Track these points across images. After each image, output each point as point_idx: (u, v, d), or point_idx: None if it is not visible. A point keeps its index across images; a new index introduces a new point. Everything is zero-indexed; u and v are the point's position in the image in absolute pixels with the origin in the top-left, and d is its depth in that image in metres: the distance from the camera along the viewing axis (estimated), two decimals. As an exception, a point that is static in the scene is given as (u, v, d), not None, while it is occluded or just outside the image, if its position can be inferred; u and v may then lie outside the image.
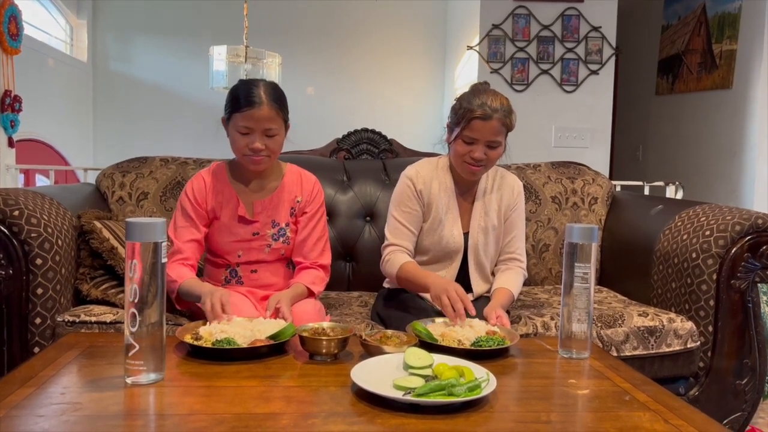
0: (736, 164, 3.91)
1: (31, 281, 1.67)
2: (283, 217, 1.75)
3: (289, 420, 1.00)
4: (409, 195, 1.82)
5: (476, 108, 1.67)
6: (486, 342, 1.37)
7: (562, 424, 1.04)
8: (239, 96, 1.63)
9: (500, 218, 1.85)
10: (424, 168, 1.85)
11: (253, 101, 1.61)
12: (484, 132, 1.68)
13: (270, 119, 1.63)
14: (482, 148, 1.70)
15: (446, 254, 1.83)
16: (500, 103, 1.69)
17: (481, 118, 1.67)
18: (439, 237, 1.81)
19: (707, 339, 1.87)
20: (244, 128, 1.63)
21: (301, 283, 1.70)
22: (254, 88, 1.63)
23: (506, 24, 3.78)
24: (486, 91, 1.72)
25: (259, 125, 1.62)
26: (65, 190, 2.18)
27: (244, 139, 1.64)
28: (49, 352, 1.32)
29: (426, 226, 1.83)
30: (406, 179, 1.83)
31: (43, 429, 0.95)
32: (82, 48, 4.66)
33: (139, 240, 1.13)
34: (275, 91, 1.67)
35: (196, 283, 1.62)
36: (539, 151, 3.72)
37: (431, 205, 1.82)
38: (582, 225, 1.38)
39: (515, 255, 1.87)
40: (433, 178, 1.83)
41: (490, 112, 1.67)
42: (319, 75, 4.89)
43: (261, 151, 1.64)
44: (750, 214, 1.85)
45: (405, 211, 1.82)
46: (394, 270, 1.76)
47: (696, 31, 4.31)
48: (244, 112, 1.61)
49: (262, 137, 1.63)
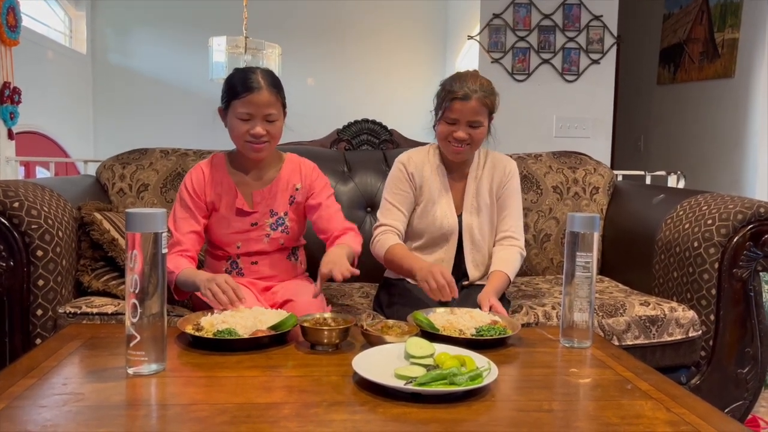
0: (738, 153, 3.89)
1: (32, 273, 1.67)
2: (282, 206, 1.75)
3: (291, 409, 1.00)
4: (401, 178, 1.85)
5: (456, 89, 1.72)
6: (487, 331, 1.37)
7: (563, 412, 1.04)
8: (237, 83, 1.63)
9: (492, 197, 1.87)
10: (415, 153, 1.90)
11: (252, 86, 1.60)
12: (464, 112, 1.72)
13: (270, 104, 1.62)
14: (464, 128, 1.74)
15: (441, 236, 1.84)
16: (480, 84, 1.74)
17: (461, 99, 1.72)
18: (433, 218, 1.83)
19: (709, 328, 1.87)
20: (245, 114, 1.62)
21: (343, 244, 1.66)
22: (251, 74, 1.63)
23: (507, 13, 3.76)
24: (468, 74, 1.78)
25: (260, 110, 1.62)
26: (65, 181, 2.18)
27: (245, 125, 1.63)
28: (50, 343, 1.32)
29: (419, 209, 1.85)
30: (399, 164, 1.88)
31: (45, 419, 0.95)
32: (81, 40, 4.64)
33: (139, 230, 1.12)
34: (272, 76, 1.67)
35: (193, 272, 1.60)
36: (540, 141, 3.71)
37: (423, 187, 1.85)
38: (583, 214, 1.37)
39: (509, 233, 1.86)
40: (425, 162, 1.87)
41: (470, 92, 1.72)
42: (319, 66, 4.87)
43: (262, 137, 1.63)
44: (752, 203, 1.84)
45: (396, 193, 1.85)
46: (382, 251, 1.77)
47: (698, 19, 4.28)
48: (244, 97, 1.60)
49: (263, 122, 1.63)
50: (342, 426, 0.95)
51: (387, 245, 1.77)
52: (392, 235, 1.80)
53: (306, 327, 1.32)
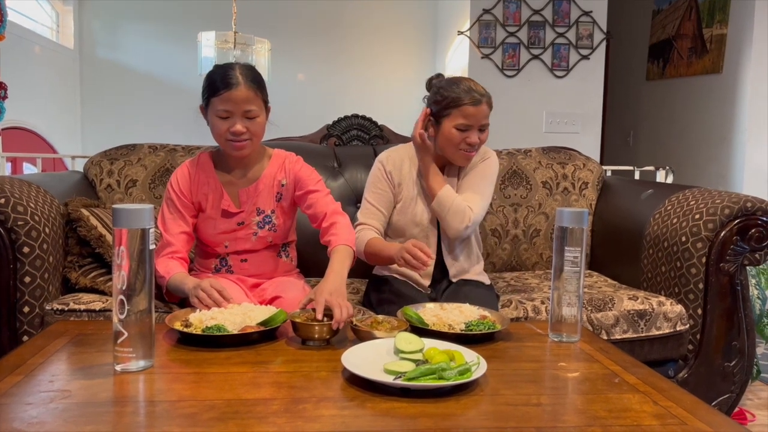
0: (726, 148, 3.92)
1: (18, 269, 1.66)
2: (268, 204, 1.73)
3: (280, 405, 1.00)
4: (379, 177, 1.87)
5: (464, 95, 1.73)
6: (476, 326, 1.38)
7: (552, 406, 1.05)
8: (214, 80, 1.60)
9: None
10: (396, 151, 1.91)
11: (230, 83, 1.58)
12: (478, 117, 1.74)
13: (248, 100, 1.59)
14: (476, 133, 1.76)
15: (421, 231, 1.85)
16: (482, 88, 1.77)
17: (472, 104, 1.73)
18: (412, 214, 1.84)
19: (696, 322, 1.88)
20: (223, 112, 1.60)
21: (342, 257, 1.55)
22: (230, 70, 1.60)
23: (497, 9, 3.76)
24: (463, 78, 1.80)
25: (239, 107, 1.59)
26: (52, 177, 2.16)
27: (225, 123, 1.61)
28: (37, 340, 1.31)
29: (399, 206, 1.86)
30: (378, 163, 1.89)
31: (31, 417, 0.94)
32: (69, 35, 4.59)
33: (126, 226, 1.12)
34: (252, 71, 1.64)
35: (182, 278, 1.58)
36: (530, 137, 3.72)
37: (402, 185, 1.86)
38: (572, 209, 1.38)
39: None
40: (404, 159, 1.88)
41: (479, 96, 1.74)
42: (308, 61, 4.85)
43: (242, 134, 1.60)
44: (739, 198, 1.85)
45: (375, 192, 1.86)
46: (361, 247, 1.77)
47: (686, 15, 4.31)
48: (222, 94, 1.58)
49: (243, 119, 1.60)
50: (331, 421, 0.95)
51: (365, 240, 1.77)
52: (370, 231, 1.81)
53: (297, 323, 1.32)
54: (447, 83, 1.78)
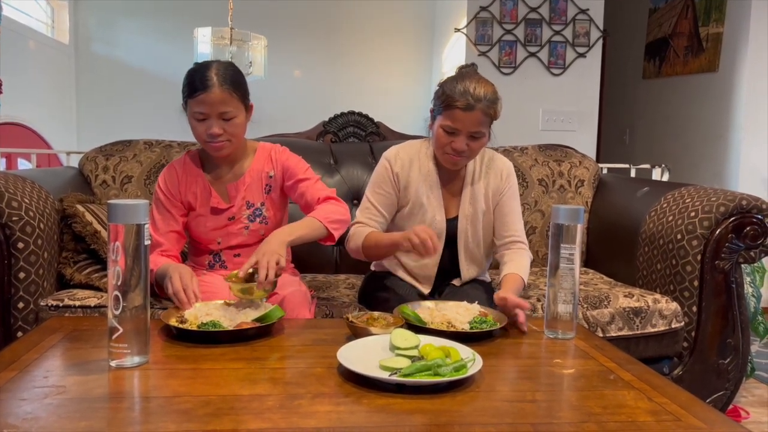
0: (722, 147, 3.93)
1: (13, 265, 1.65)
2: (258, 196, 1.72)
3: (275, 401, 1.00)
4: (385, 178, 1.75)
5: (458, 97, 1.57)
6: (479, 324, 1.37)
7: (547, 402, 1.05)
8: (190, 81, 1.58)
9: (488, 204, 1.78)
10: (405, 150, 1.78)
11: (204, 85, 1.55)
12: (466, 123, 1.59)
13: (223, 102, 1.56)
14: (464, 139, 1.62)
15: None
16: (484, 92, 1.58)
17: (463, 109, 1.58)
18: (421, 222, 1.74)
19: (691, 319, 1.89)
20: (199, 114, 1.57)
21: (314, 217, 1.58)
22: (206, 70, 1.57)
23: (494, 6, 3.76)
24: (471, 76, 1.62)
25: (213, 109, 1.56)
26: (47, 173, 2.15)
27: (202, 125, 1.59)
28: (32, 336, 1.31)
29: (406, 211, 1.76)
30: (385, 161, 1.77)
31: (25, 412, 0.94)
32: (64, 30, 4.57)
33: (122, 222, 1.11)
34: (227, 71, 1.60)
35: (164, 269, 1.54)
36: (526, 134, 3.71)
37: (409, 188, 1.75)
38: (568, 206, 1.38)
39: (516, 237, 1.76)
40: (414, 161, 1.76)
41: (473, 102, 1.57)
42: (305, 57, 4.84)
43: (219, 136, 1.58)
44: (734, 196, 1.86)
45: (378, 193, 1.75)
46: (359, 242, 1.69)
47: (683, 14, 4.31)
48: (196, 96, 1.55)
49: (219, 121, 1.58)
50: (326, 417, 0.95)
51: (363, 235, 1.69)
52: (366, 228, 1.72)
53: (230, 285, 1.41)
54: (450, 78, 1.64)
